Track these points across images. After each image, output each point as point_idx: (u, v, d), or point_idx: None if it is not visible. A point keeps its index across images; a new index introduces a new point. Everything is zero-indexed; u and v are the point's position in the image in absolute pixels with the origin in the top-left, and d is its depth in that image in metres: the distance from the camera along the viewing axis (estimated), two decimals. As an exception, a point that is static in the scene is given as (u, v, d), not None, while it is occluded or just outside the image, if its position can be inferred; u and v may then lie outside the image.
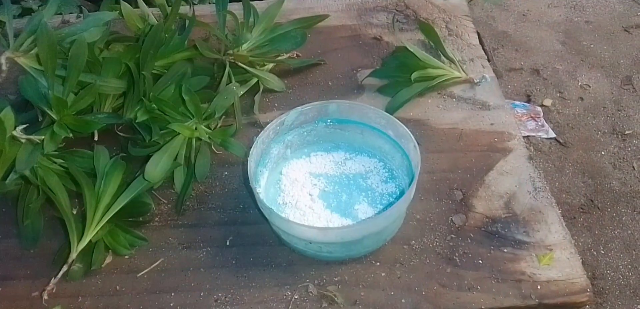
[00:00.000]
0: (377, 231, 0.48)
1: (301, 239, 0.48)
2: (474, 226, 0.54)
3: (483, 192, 0.56)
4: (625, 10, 2.16)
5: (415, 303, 0.48)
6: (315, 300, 0.48)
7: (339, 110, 0.56)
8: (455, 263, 0.51)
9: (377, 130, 0.56)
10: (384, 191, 0.55)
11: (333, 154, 0.58)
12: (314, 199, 0.54)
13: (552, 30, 2.07)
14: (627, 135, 1.67)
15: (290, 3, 0.79)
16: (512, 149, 0.61)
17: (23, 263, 0.52)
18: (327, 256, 0.50)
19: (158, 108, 0.57)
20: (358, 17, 0.80)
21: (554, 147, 1.65)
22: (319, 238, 0.48)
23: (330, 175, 0.56)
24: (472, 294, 0.48)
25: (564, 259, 0.51)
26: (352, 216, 0.53)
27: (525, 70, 1.90)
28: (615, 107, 1.76)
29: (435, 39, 0.71)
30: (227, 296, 0.49)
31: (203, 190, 0.58)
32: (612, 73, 1.88)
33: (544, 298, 0.48)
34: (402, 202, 0.48)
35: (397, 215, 0.50)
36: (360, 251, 0.50)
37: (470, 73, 0.69)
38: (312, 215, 0.52)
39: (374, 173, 0.56)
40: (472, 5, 2.12)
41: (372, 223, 0.48)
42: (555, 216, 0.54)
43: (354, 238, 0.48)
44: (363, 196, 0.54)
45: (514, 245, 0.52)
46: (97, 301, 0.49)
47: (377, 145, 0.57)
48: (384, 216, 0.48)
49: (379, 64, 0.72)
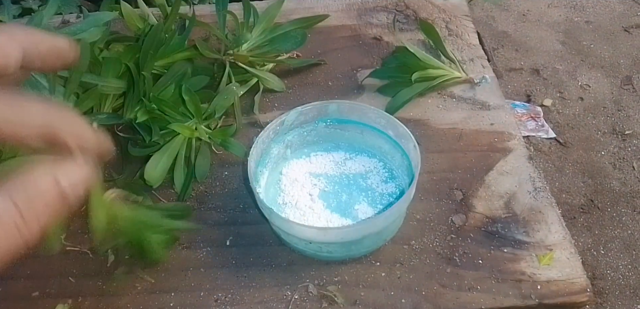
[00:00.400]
0: (377, 231, 0.48)
1: (301, 239, 0.48)
2: (474, 226, 0.54)
3: (483, 192, 0.56)
4: (626, 10, 2.16)
5: (415, 303, 0.48)
6: (315, 300, 0.48)
7: (339, 110, 0.56)
8: (455, 263, 0.51)
9: (377, 130, 0.56)
10: (384, 191, 0.55)
11: (333, 154, 0.58)
12: (314, 199, 0.54)
13: (552, 30, 2.07)
14: (627, 135, 1.67)
15: (290, 3, 0.79)
16: (512, 149, 0.61)
17: (23, 263, 0.52)
18: (327, 256, 0.50)
19: (158, 109, 0.57)
20: (358, 17, 0.80)
21: (554, 147, 1.65)
22: (319, 238, 0.48)
23: (330, 175, 0.56)
24: (472, 294, 0.48)
25: (564, 260, 0.51)
26: (352, 216, 0.53)
27: (525, 70, 1.90)
28: (615, 107, 1.76)
29: (435, 38, 0.71)
30: (227, 296, 0.49)
31: (203, 190, 0.58)
32: (612, 73, 1.88)
33: (544, 298, 0.48)
34: (402, 202, 0.48)
35: (397, 215, 0.50)
36: (361, 251, 0.50)
37: (471, 74, 0.69)
38: (312, 215, 0.52)
39: (374, 173, 0.56)
40: (472, 5, 2.12)
41: (372, 223, 0.48)
42: (556, 216, 0.54)
43: (354, 238, 0.48)
44: (363, 196, 0.54)
45: (514, 245, 0.52)
46: (97, 301, 0.49)
47: (377, 145, 0.57)
48: (384, 216, 0.48)
49: (379, 64, 0.72)
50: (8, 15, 0.59)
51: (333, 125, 0.58)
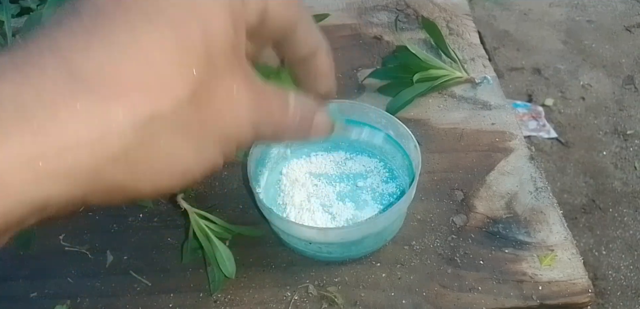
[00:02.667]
0: (377, 232, 0.48)
1: (301, 239, 0.48)
2: (475, 226, 0.53)
3: (484, 192, 0.56)
4: (627, 10, 2.15)
5: (416, 304, 0.48)
6: (316, 301, 0.48)
7: (339, 110, 0.56)
8: (456, 263, 0.50)
9: (377, 129, 0.56)
10: (384, 192, 0.54)
11: (333, 154, 0.58)
12: (313, 199, 0.54)
13: (553, 29, 2.07)
14: (628, 135, 1.67)
15: (291, 2, 0.79)
16: (514, 149, 0.60)
17: (23, 263, 0.52)
18: (326, 256, 0.50)
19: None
20: (358, 16, 0.80)
21: (555, 146, 1.65)
22: (319, 238, 0.47)
23: (330, 175, 0.56)
24: (473, 295, 0.48)
25: (565, 260, 0.50)
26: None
27: (526, 70, 1.90)
28: (616, 106, 1.76)
29: (438, 37, 0.71)
30: (227, 297, 0.49)
31: (203, 190, 0.58)
32: (613, 73, 1.88)
33: (545, 299, 0.48)
34: (403, 202, 0.48)
35: (397, 215, 0.49)
36: (361, 251, 0.50)
37: (472, 73, 0.69)
38: (312, 215, 0.52)
39: (375, 173, 0.56)
40: (473, 5, 2.11)
41: (372, 223, 0.48)
42: (557, 216, 0.54)
43: (355, 239, 0.47)
44: (363, 196, 0.54)
45: (515, 245, 0.52)
46: (95, 301, 0.49)
47: (378, 145, 0.57)
48: (384, 216, 0.48)
49: (379, 64, 0.72)
50: (7, 14, 0.59)
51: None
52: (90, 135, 0.21)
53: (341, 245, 0.48)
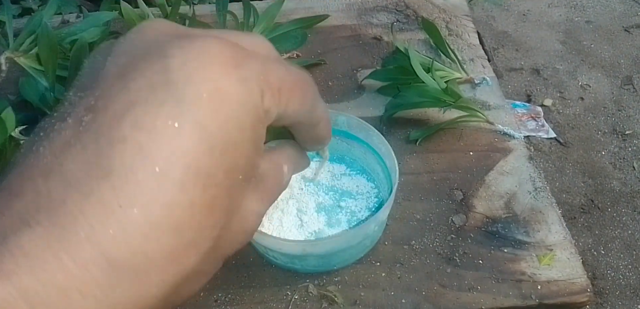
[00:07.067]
0: (321, 254, 0.48)
1: (266, 248, 0.48)
2: (474, 226, 0.54)
3: (483, 192, 0.56)
4: (626, 10, 2.16)
5: (415, 303, 0.48)
6: (316, 300, 0.48)
7: (347, 124, 0.54)
8: (456, 263, 0.51)
9: (378, 155, 0.54)
10: (362, 219, 0.52)
11: (334, 165, 0.56)
12: (292, 202, 0.52)
13: (552, 30, 2.07)
14: (627, 135, 1.67)
15: (290, 3, 0.79)
16: (513, 149, 0.61)
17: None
18: (300, 269, 0.50)
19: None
20: (358, 17, 0.80)
21: (554, 146, 1.65)
22: (275, 247, 0.47)
23: (320, 184, 0.54)
24: (473, 295, 0.48)
25: (564, 260, 0.51)
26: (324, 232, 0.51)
27: (525, 70, 1.90)
28: (615, 106, 1.76)
29: (437, 37, 0.71)
30: (227, 296, 0.49)
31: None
32: (612, 73, 1.88)
33: (544, 298, 0.48)
34: (352, 233, 0.47)
35: (345, 245, 0.48)
36: (306, 268, 0.49)
37: (471, 74, 0.69)
38: (283, 216, 0.51)
39: (364, 198, 0.53)
40: (472, 5, 2.12)
41: (315, 243, 0.48)
42: (556, 216, 0.54)
43: (296, 253, 0.48)
44: (341, 216, 0.52)
45: (514, 245, 0.52)
46: (97, 301, 0.49)
47: (376, 171, 0.55)
48: (329, 240, 0.48)
49: (379, 64, 0.72)
50: (8, 15, 0.59)
51: (340, 137, 0.55)
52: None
53: (285, 255, 0.48)
